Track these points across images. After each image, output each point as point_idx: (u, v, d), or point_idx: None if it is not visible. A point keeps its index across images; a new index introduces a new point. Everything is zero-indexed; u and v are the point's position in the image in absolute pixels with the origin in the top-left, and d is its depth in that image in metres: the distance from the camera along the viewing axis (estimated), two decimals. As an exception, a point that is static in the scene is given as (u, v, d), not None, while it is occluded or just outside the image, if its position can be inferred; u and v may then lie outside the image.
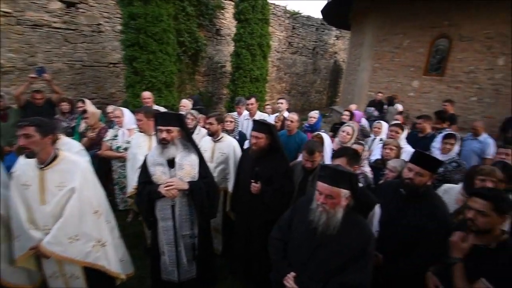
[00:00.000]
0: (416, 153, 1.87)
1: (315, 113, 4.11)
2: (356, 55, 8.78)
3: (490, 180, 1.98)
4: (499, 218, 1.45)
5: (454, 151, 2.91)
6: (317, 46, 12.68)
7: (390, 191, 2.08)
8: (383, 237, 1.92)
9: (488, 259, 1.48)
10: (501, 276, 1.41)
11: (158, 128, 2.00)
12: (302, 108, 12.56)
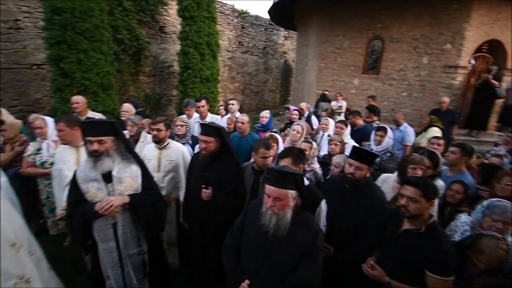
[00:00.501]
0: (354, 149, 1.99)
1: (266, 112, 4.14)
2: (303, 55, 9.20)
3: (420, 168, 2.22)
4: (427, 203, 1.61)
5: (386, 142, 3.20)
6: (267, 46, 12.93)
7: (335, 186, 2.20)
8: (332, 230, 2.02)
9: (419, 241, 1.63)
10: (430, 257, 1.57)
11: (87, 139, 1.75)
12: (257, 107, 12.71)
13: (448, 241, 1.62)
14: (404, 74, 6.87)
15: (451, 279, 1.54)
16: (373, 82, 7.45)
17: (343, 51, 7.74)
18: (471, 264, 1.69)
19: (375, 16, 6.97)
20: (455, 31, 5.99)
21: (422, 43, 6.46)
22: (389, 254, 1.82)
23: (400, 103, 7.09)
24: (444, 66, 6.24)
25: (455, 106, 6.38)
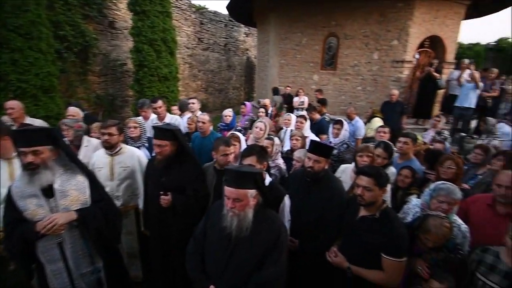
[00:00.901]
0: (312, 143, 2.04)
1: (229, 111, 4.08)
2: (264, 52, 9.26)
3: (366, 155, 2.37)
4: (380, 190, 1.71)
5: (343, 134, 3.37)
6: (228, 42, 12.77)
7: (297, 180, 2.25)
8: (296, 223, 2.07)
9: (375, 226, 1.73)
10: (385, 240, 1.67)
11: (20, 151, 1.53)
12: (221, 105, 12.52)
13: (401, 224, 1.74)
14: (358, 69, 7.29)
15: (404, 260, 1.67)
16: (331, 78, 7.79)
17: (302, 48, 7.95)
18: (421, 243, 1.84)
19: (329, 14, 7.26)
20: (400, 28, 6.50)
21: (373, 39, 6.90)
22: (349, 241, 1.91)
23: (356, 97, 7.52)
24: (392, 61, 6.75)
25: (403, 98, 6.96)
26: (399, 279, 1.72)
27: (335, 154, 3.48)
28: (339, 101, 7.82)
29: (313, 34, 7.65)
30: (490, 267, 1.70)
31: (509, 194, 2.02)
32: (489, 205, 2.16)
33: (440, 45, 7.14)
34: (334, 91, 7.83)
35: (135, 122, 2.84)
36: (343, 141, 3.47)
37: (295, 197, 2.15)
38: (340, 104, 7.85)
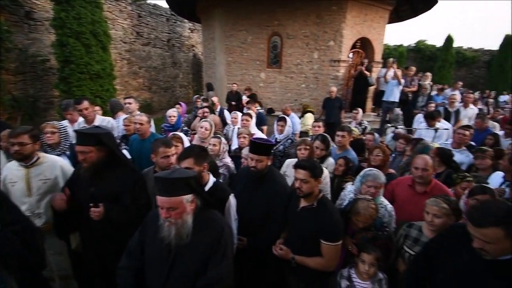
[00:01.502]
0: (252, 144, 2.05)
1: (173, 111, 3.88)
2: (211, 48, 9.07)
3: (304, 147, 2.52)
4: (316, 181, 1.82)
5: (287, 130, 3.52)
6: (171, 38, 12.15)
7: (243, 178, 2.25)
8: (244, 221, 2.07)
9: (313, 215, 1.84)
10: (323, 227, 1.78)
11: None
12: (168, 104, 11.86)
13: (336, 211, 1.88)
14: (301, 67, 7.66)
15: (340, 243, 1.80)
16: (277, 76, 8.04)
17: (248, 45, 8.01)
18: (353, 224, 2.03)
19: (272, 13, 7.45)
20: (335, 30, 7.04)
21: (312, 40, 7.33)
22: (292, 232, 2.00)
23: (301, 94, 7.92)
24: (330, 60, 7.28)
25: (341, 94, 7.59)
26: (337, 262, 1.86)
27: (281, 150, 3.60)
28: (286, 98, 8.12)
29: (258, 33, 7.77)
30: (414, 240, 1.95)
31: (424, 175, 2.35)
32: (409, 185, 2.48)
33: (369, 46, 7.96)
34: (280, 88, 8.11)
35: (53, 127, 2.47)
36: (288, 136, 3.61)
37: (242, 195, 2.15)
38: (286, 101, 8.14)
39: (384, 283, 1.90)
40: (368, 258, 1.85)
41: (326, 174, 2.62)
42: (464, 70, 17.09)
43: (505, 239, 1.16)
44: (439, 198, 1.82)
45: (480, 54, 16.81)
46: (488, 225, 1.17)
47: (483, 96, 12.12)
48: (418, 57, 17.61)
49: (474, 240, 1.24)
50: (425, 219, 1.88)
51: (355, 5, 6.95)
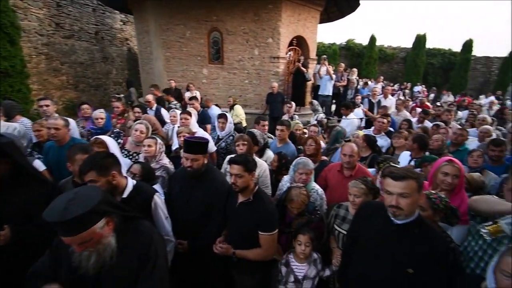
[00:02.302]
0: (185, 143, 2.01)
1: (100, 112, 3.50)
2: (146, 43, 8.46)
3: (242, 143, 2.59)
4: (250, 175, 1.87)
5: (228, 127, 3.54)
6: (100, 30, 10.92)
7: (181, 177, 2.19)
8: (183, 223, 2.02)
9: (250, 209, 1.90)
10: (260, 219, 1.86)
11: None
12: (100, 103, 10.64)
13: (271, 202, 1.98)
14: (243, 64, 7.74)
15: (276, 232, 1.90)
16: (220, 72, 7.97)
17: (186, 40, 7.72)
18: (290, 212, 2.17)
19: (210, 8, 7.32)
20: (273, 28, 7.28)
21: (252, 36, 7.45)
22: (232, 228, 2.03)
23: (245, 90, 8.02)
24: (270, 57, 7.52)
25: (283, 89, 7.95)
26: (274, 250, 1.97)
27: (223, 147, 3.61)
28: (230, 94, 8.11)
29: (197, 28, 7.54)
30: (342, 219, 2.17)
31: (351, 161, 2.63)
32: (338, 171, 2.75)
33: (305, 44, 8.48)
34: (224, 84, 8.07)
35: None
36: (229, 133, 3.62)
37: (180, 196, 2.10)
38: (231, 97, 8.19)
39: (319, 262, 2.09)
40: (303, 239, 2.00)
41: (265, 167, 2.74)
42: (386, 66, 19.58)
43: (417, 192, 1.39)
44: (358, 180, 2.07)
45: (397, 51, 19.44)
46: (406, 178, 1.36)
47: (401, 88, 14.14)
48: (348, 54, 19.48)
49: (392, 199, 1.40)
50: (349, 199, 2.13)
51: (289, 4, 7.29)
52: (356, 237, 1.77)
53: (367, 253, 1.63)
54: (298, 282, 1.99)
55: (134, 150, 2.97)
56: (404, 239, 1.47)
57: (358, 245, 1.74)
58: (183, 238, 2.04)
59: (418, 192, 1.39)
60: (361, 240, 1.72)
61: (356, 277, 1.72)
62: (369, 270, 1.60)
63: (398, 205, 1.39)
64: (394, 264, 1.49)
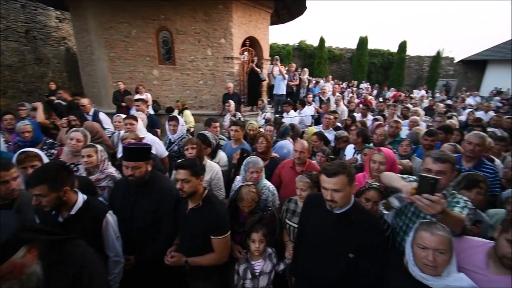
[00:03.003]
0: (125, 150, 1.89)
1: (25, 124, 3.07)
2: (86, 42, 7.73)
3: (191, 147, 2.54)
4: (197, 180, 1.83)
5: (180, 130, 3.43)
6: (31, 28, 9.67)
7: (122, 189, 2.05)
8: (128, 236, 1.90)
9: (201, 214, 1.86)
10: (211, 223, 1.83)
11: None
12: (36, 111, 9.49)
13: (221, 205, 1.96)
14: (196, 64, 7.56)
15: (228, 234, 1.90)
16: (172, 72, 7.67)
17: (132, 40, 7.26)
18: (242, 211, 2.18)
19: (157, 7, 6.99)
20: (225, 28, 7.25)
21: (203, 36, 7.31)
22: (184, 235, 1.97)
23: (200, 91, 7.84)
24: (224, 57, 7.47)
25: (239, 89, 7.97)
26: (228, 252, 1.96)
27: (176, 151, 3.48)
28: (185, 96, 7.87)
29: (143, 26, 7.14)
30: (292, 212, 2.25)
31: (302, 157, 2.75)
32: (291, 167, 2.86)
33: (258, 45, 8.62)
34: (178, 86, 7.79)
35: None
36: (182, 136, 3.51)
37: (123, 208, 1.96)
38: (186, 98, 7.88)
39: (274, 256, 2.15)
40: (256, 236, 2.03)
41: (217, 169, 2.71)
42: (335, 65, 20.94)
43: (348, 186, 1.50)
44: (304, 175, 2.18)
45: (344, 52, 20.91)
46: (337, 174, 1.47)
47: (349, 86, 15.26)
48: (301, 55, 20.36)
49: (327, 194, 1.51)
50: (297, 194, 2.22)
51: (239, 5, 7.33)
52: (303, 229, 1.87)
53: (312, 242, 1.73)
54: (255, 278, 2.02)
55: (71, 161, 2.69)
56: (343, 226, 1.59)
57: (304, 236, 1.84)
58: (130, 252, 1.93)
59: (350, 185, 1.51)
60: (306, 231, 1.83)
61: (304, 266, 1.81)
62: (314, 259, 1.70)
63: (332, 199, 1.50)
64: (336, 251, 1.60)
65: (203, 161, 2.65)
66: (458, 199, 1.63)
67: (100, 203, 1.85)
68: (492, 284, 1.34)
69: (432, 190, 1.29)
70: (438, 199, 1.27)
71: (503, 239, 1.30)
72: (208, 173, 2.62)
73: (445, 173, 1.62)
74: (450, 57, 20.75)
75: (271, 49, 18.62)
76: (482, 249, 1.45)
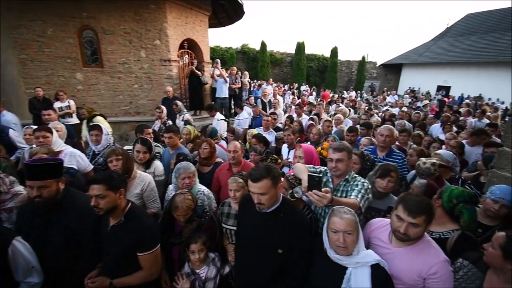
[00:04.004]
0: (26, 167, 1.62)
1: None
2: (-14, 42, 6.46)
3: (115, 158, 2.34)
4: (116, 194, 1.66)
5: (105, 139, 3.12)
6: None
7: (29, 212, 1.76)
8: (41, 261, 1.65)
9: (124, 231, 1.69)
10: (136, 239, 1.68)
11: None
12: None
13: (146, 218, 1.81)
14: (128, 67, 7.00)
15: (157, 248, 1.77)
16: (100, 76, 6.95)
17: (49, 39, 6.34)
18: (178, 220, 2.08)
19: (76, 3, 6.24)
20: (159, 29, 6.89)
21: (135, 37, 6.82)
22: (108, 256, 1.78)
23: (135, 96, 7.29)
24: (160, 59, 7.10)
25: (179, 93, 7.67)
26: (159, 267, 1.83)
27: (102, 163, 3.15)
28: (118, 101, 7.23)
29: (61, 25, 6.30)
30: (227, 215, 2.23)
31: (236, 156, 2.77)
32: (228, 169, 2.85)
33: (198, 47, 8.44)
34: (108, 90, 7.10)
35: None
36: (107, 146, 3.19)
37: (34, 233, 1.70)
38: (120, 104, 7.30)
39: (217, 260, 2.10)
40: (195, 247, 1.97)
41: (149, 180, 2.52)
42: (277, 69, 21.94)
43: (273, 188, 1.57)
44: (236, 176, 2.19)
45: (285, 56, 22.05)
46: (261, 179, 1.53)
47: (290, 88, 16.14)
48: (245, 58, 20.73)
49: (254, 196, 1.58)
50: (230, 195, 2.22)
51: (173, 6, 7.06)
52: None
53: (247, 241, 1.77)
54: (201, 285, 1.96)
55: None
56: (273, 224, 1.65)
57: (240, 236, 1.87)
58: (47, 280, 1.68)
59: (275, 187, 1.59)
60: (242, 230, 1.85)
61: (240, 265, 1.83)
62: (249, 257, 1.74)
63: (259, 202, 1.57)
64: (267, 247, 1.65)
65: (132, 173, 2.45)
66: (357, 182, 1.90)
67: (5, 229, 1.58)
68: (393, 255, 1.56)
69: (319, 186, 1.50)
70: (324, 194, 1.47)
71: (394, 215, 1.52)
72: (138, 185, 2.44)
73: (343, 160, 1.89)
74: (373, 62, 23.76)
75: (214, 52, 18.60)
76: (387, 227, 1.67)
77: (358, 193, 1.79)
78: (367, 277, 1.43)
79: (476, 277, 1.48)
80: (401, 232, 1.47)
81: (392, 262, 1.53)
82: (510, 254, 1.29)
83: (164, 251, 2.13)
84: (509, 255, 1.29)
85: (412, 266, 1.49)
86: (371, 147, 3.06)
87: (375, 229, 1.74)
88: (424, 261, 1.47)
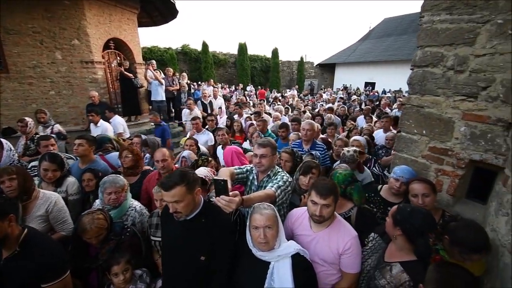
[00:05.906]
0: None
1: None
2: None
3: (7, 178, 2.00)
4: (4, 222, 1.39)
5: (6, 155, 2.66)
6: None
7: None
8: None
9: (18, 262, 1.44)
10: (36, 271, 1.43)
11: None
12: None
13: (50, 243, 1.58)
14: (41, 71, 6.07)
15: (66, 276, 1.53)
16: (6, 83, 5.88)
17: None
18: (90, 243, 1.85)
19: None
20: (77, 28, 6.12)
21: (47, 37, 5.94)
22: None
23: (53, 103, 6.35)
24: (81, 61, 6.31)
25: (108, 98, 6.96)
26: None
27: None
28: (30, 111, 6.17)
29: None
30: (156, 227, 2.08)
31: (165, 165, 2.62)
32: (157, 179, 2.67)
33: (127, 48, 7.78)
34: (17, 99, 6.05)
35: None
36: (12, 163, 2.69)
37: None
38: (31, 114, 6.24)
39: (145, 276, 1.93)
40: (118, 268, 1.78)
41: (54, 199, 2.18)
42: (222, 69, 21.78)
43: (189, 194, 1.48)
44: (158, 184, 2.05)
45: (228, 56, 22.03)
46: (173, 186, 1.43)
47: (236, 88, 16.19)
48: (186, 59, 20.06)
49: (169, 206, 1.47)
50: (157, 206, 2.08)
51: (93, 3, 6.35)
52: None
53: (170, 252, 1.68)
54: None
55: None
56: (194, 231, 1.58)
57: (164, 247, 1.75)
58: None
59: (191, 192, 1.50)
60: (164, 241, 1.74)
61: (166, 277, 1.73)
62: (173, 266, 1.65)
63: (175, 211, 1.48)
64: (190, 256, 1.57)
65: (33, 193, 2.09)
66: (278, 176, 1.98)
67: None
68: (315, 239, 1.66)
69: (225, 190, 1.42)
70: (231, 198, 1.41)
71: (309, 201, 1.61)
72: (42, 206, 2.10)
73: (266, 156, 1.94)
74: (311, 62, 25.49)
75: (151, 53, 17.52)
76: (305, 214, 1.75)
77: (274, 184, 1.84)
78: (288, 268, 1.47)
79: (380, 247, 1.67)
80: (317, 215, 1.57)
81: (316, 246, 1.63)
82: (398, 221, 1.48)
83: (80, 279, 1.90)
84: (397, 222, 1.48)
85: (331, 245, 1.61)
86: (298, 141, 3.23)
87: (296, 219, 1.81)
88: (340, 238, 1.61)
